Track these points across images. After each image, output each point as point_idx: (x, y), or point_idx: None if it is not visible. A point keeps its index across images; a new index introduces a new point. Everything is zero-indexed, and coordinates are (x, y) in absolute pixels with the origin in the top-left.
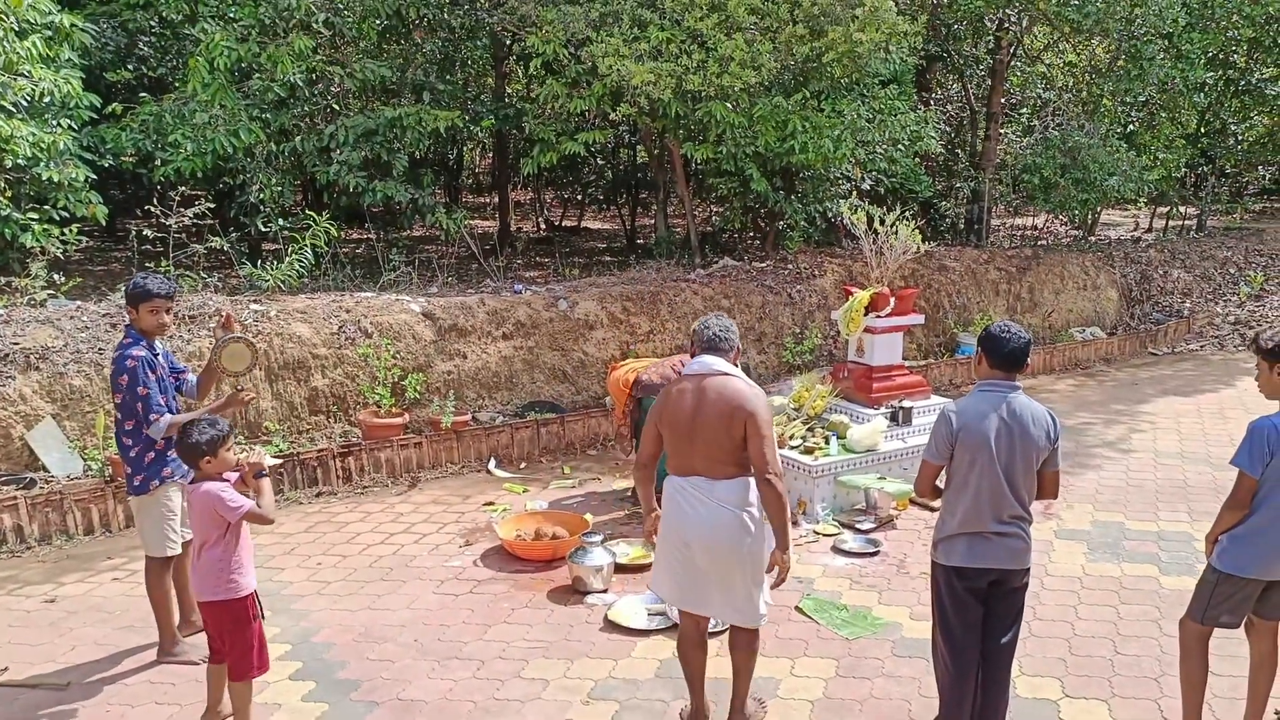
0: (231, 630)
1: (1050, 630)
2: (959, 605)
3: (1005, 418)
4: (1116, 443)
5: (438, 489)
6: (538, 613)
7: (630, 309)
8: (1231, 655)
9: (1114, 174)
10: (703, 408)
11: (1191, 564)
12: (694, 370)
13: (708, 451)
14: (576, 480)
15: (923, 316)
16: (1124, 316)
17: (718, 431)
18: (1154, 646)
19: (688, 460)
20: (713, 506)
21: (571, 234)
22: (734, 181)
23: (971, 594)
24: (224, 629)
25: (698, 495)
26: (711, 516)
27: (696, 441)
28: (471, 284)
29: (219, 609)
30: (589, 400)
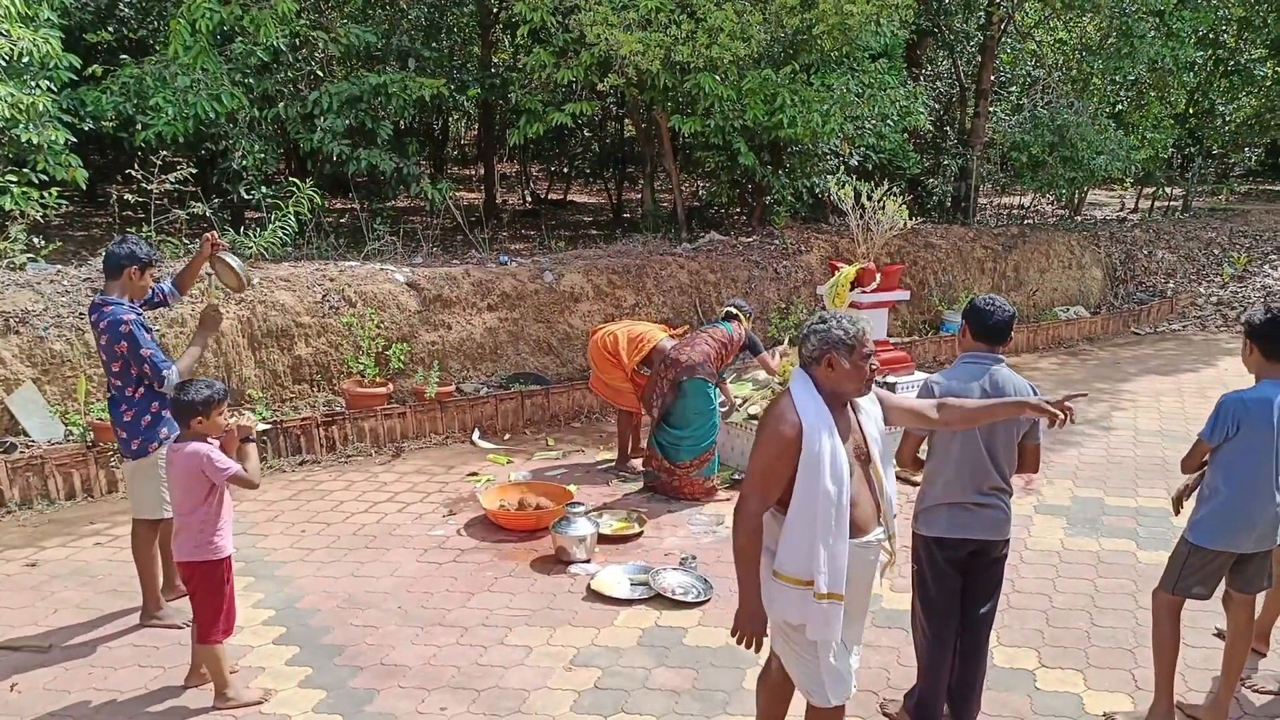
0: (204, 592)
1: (1028, 602)
2: (939, 575)
3: (988, 389)
4: (1098, 420)
5: (421, 459)
6: (521, 581)
7: (616, 282)
8: (1204, 628)
9: (1102, 153)
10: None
11: (1169, 539)
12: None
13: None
14: (561, 451)
15: (908, 293)
16: (1108, 296)
17: None
18: (1129, 619)
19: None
20: None
21: (558, 207)
22: (721, 155)
23: (952, 564)
24: (196, 589)
25: None
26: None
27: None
28: (457, 255)
29: (195, 569)
30: (574, 372)
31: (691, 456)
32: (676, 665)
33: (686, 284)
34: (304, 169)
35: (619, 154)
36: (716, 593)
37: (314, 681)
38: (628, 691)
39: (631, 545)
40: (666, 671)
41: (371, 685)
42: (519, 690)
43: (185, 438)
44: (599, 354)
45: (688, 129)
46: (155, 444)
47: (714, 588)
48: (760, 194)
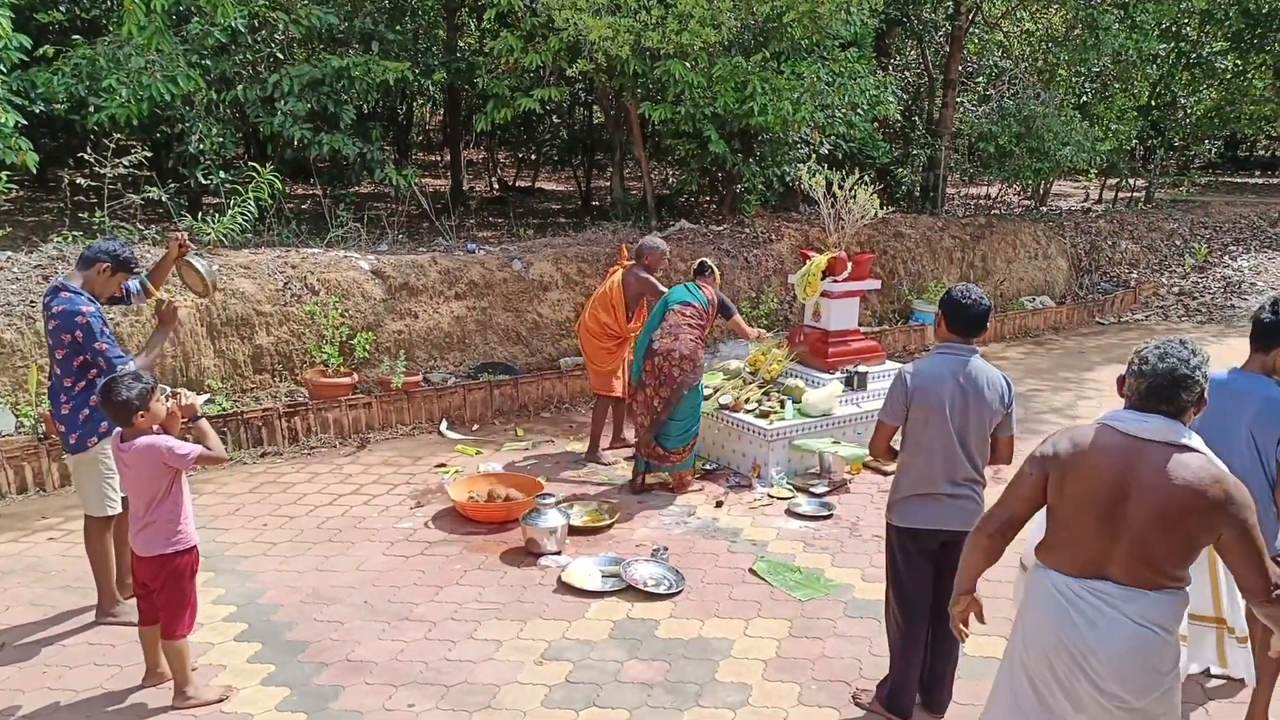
0: (173, 584)
1: (998, 591)
2: (911, 566)
3: (961, 381)
4: (1063, 409)
5: (388, 450)
6: (490, 574)
7: (586, 270)
8: None
9: (1068, 144)
10: (1147, 489)
11: None
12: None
13: (1138, 550)
14: (530, 442)
15: (879, 282)
16: (1073, 286)
17: (1171, 530)
18: None
19: (1098, 554)
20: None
21: (525, 194)
22: (692, 143)
23: (924, 555)
24: (165, 583)
25: (1100, 604)
26: (1124, 637)
27: (1123, 532)
28: (423, 243)
29: (166, 563)
30: (543, 362)
31: (681, 444)
32: (648, 658)
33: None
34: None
35: (588, 141)
36: (688, 584)
37: (276, 679)
38: (599, 685)
39: (602, 537)
40: (638, 664)
41: (336, 682)
42: (489, 685)
43: (131, 435)
44: (589, 343)
45: (657, 116)
46: (94, 439)
47: (685, 579)
48: (731, 182)
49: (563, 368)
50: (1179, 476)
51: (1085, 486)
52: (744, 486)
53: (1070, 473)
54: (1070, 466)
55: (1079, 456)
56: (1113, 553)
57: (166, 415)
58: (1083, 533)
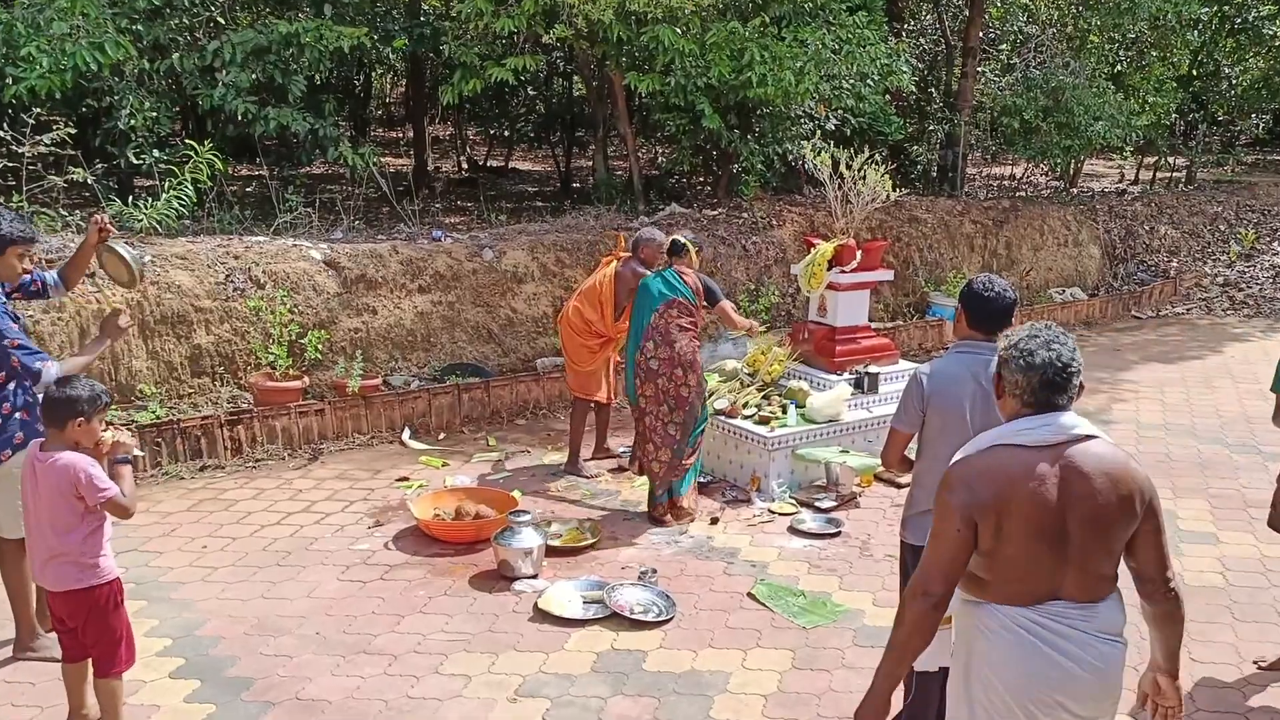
0: (97, 620)
1: None
2: None
3: (983, 382)
4: (1096, 413)
5: (343, 462)
6: (458, 601)
7: (565, 260)
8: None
9: (1100, 118)
10: (1083, 496)
11: (1177, 544)
12: (1040, 437)
13: (1086, 562)
14: (503, 453)
15: (891, 272)
16: (1106, 276)
17: (1108, 532)
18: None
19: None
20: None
21: (498, 175)
22: (683, 118)
23: None
24: (87, 620)
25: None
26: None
27: (1070, 549)
28: (382, 229)
29: (82, 599)
30: (517, 363)
31: (691, 445)
32: (635, 694)
33: None
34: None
35: (567, 116)
36: (680, 610)
37: None
38: None
39: (584, 558)
40: (624, 701)
41: None
42: None
43: (54, 446)
44: (570, 339)
45: (645, 88)
46: (9, 451)
47: (677, 605)
48: (726, 161)
49: (540, 369)
50: (1101, 472)
51: (1029, 519)
52: (742, 501)
53: (1005, 511)
54: (1003, 505)
55: (1009, 490)
56: (1064, 573)
57: (98, 443)
58: (1033, 566)
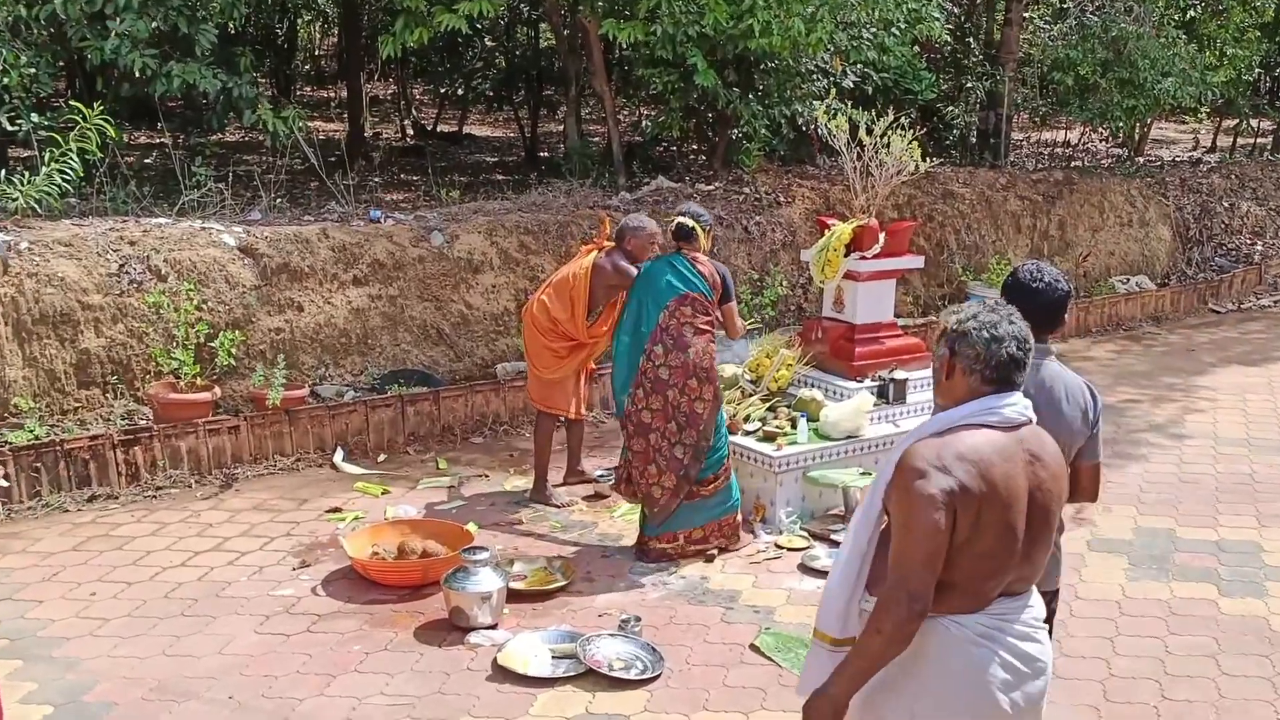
0: None
1: (1080, 669)
2: None
3: (1031, 391)
4: (1166, 426)
5: (262, 490)
6: (401, 658)
7: (530, 245)
8: None
9: (1169, 74)
10: (1043, 482)
11: (1260, 582)
12: (1007, 418)
13: (1039, 552)
14: (456, 477)
15: (922, 258)
16: (1179, 262)
17: (1056, 516)
18: (1210, 689)
19: (1005, 575)
20: (1034, 637)
21: (450, 142)
22: (672, 74)
23: None
24: None
25: (1010, 627)
26: (1038, 652)
27: (1031, 539)
28: (310, 209)
29: None
30: (473, 369)
31: (713, 470)
32: None
33: None
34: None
35: (533, 72)
36: (669, 666)
37: None
38: None
39: (553, 604)
40: None
41: None
42: None
43: None
44: (534, 338)
45: (626, 37)
46: None
47: (665, 660)
48: (724, 126)
49: (500, 376)
50: (1052, 456)
51: (1007, 507)
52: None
53: (986, 499)
54: (985, 491)
55: (990, 475)
56: (1020, 567)
57: None
58: (1001, 562)
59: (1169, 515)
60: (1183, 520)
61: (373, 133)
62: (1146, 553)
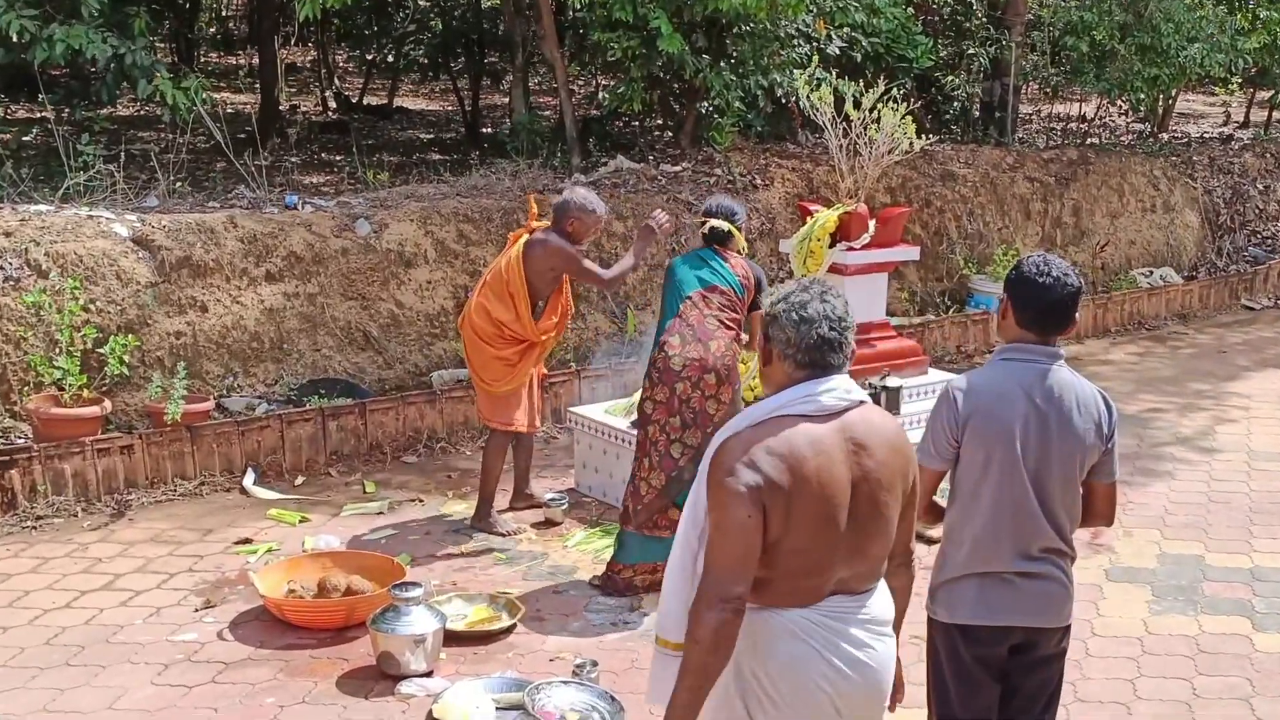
0: None
1: (1097, 716)
2: (968, 681)
3: (1039, 401)
4: (1195, 439)
5: (160, 519)
6: (322, 711)
7: (470, 235)
8: None
9: (1195, 39)
10: (868, 471)
11: None
12: (826, 404)
13: (871, 546)
14: (385, 503)
15: (917, 249)
16: (1208, 252)
17: (891, 509)
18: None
19: (833, 570)
20: (868, 639)
21: (379, 116)
22: (633, 38)
23: (986, 664)
24: None
25: (842, 627)
26: (870, 656)
27: (858, 532)
28: (215, 193)
29: None
30: (405, 378)
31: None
32: None
33: None
34: None
35: (474, 36)
36: (629, 717)
37: None
38: None
39: (497, 647)
40: None
41: None
42: None
43: None
44: (477, 350)
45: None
46: None
47: (625, 711)
48: (692, 98)
49: (436, 385)
50: (883, 443)
51: (820, 499)
52: None
53: (797, 492)
54: (794, 484)
55: (799, 468)
56: (847, 561)
57: None
58: (822, 555)
59: (1197, 540)
60: (1213, 545)
61: (289, 105)
62: (1172, 582)
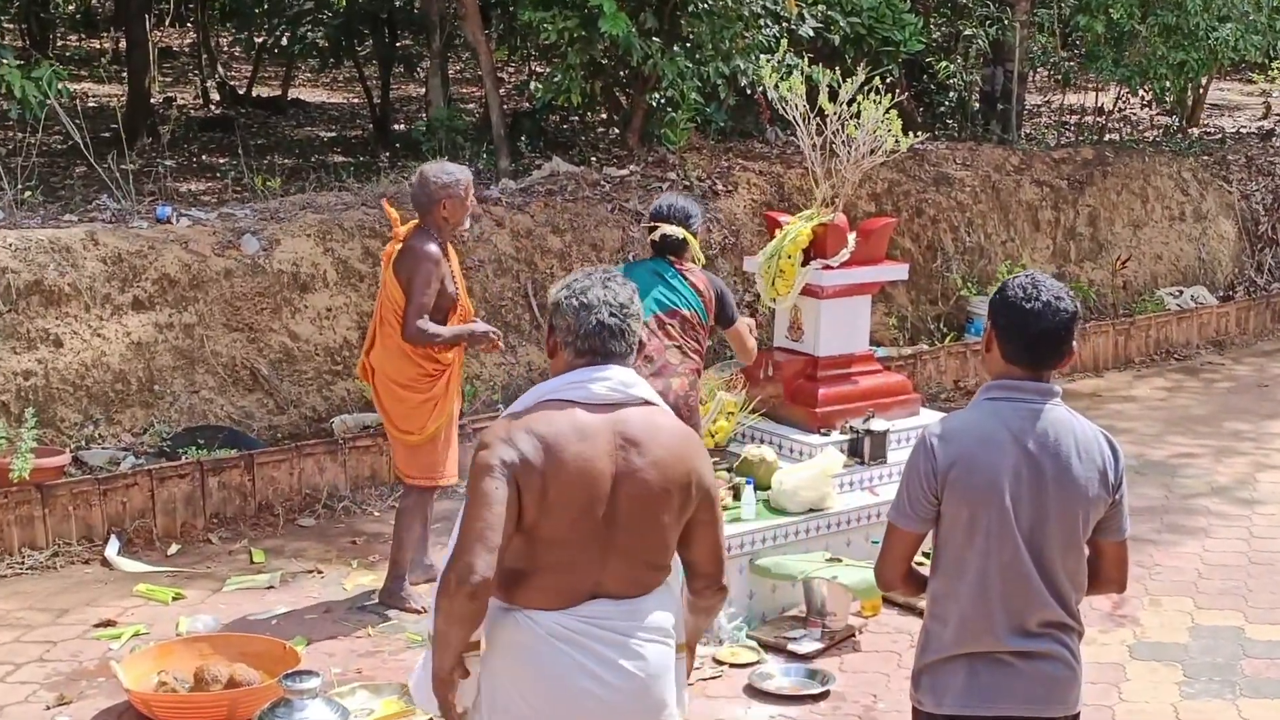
0: None
1: None
2: None
3: (1031, 448)
4: (1232, 489)
5: (4, 597)
6: None
7: (378, 253)
8: None
9: (1227, 19)
10: (635, 470)
11: None
12: (598, 394)
13: (636, 550)
14: (277, 575)
15: (906, 267)
16: (1246, 268)
17: (661, 515)
18: None
19: (591, 571)
20: (631, 646)
21: (271, 111)
22: (570, 18)
23: None
24: None
25: (602, 633)
26: (637, 664)
27: (618, 534)
28: (73, 204)
29: None
30: (301, 423)
31: None
32: None
33: (509, 255)
34: None
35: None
36: None
37: None
38: None
39: None
40: None
41: None
42: None
43: None
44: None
45: None
46: None
47: None
48: (641, 89)
49: (338, 433)
50: (659, 444)
51: (577, 488)
52: None
53: (552, 475)
54: (550, 467)
55: (558, 451)
56: (609, 563)
57: None
58: (580, 551)
59: (1236, 609)
60: (1254, 615)
61: (163, 98)
62: (1207, 660)
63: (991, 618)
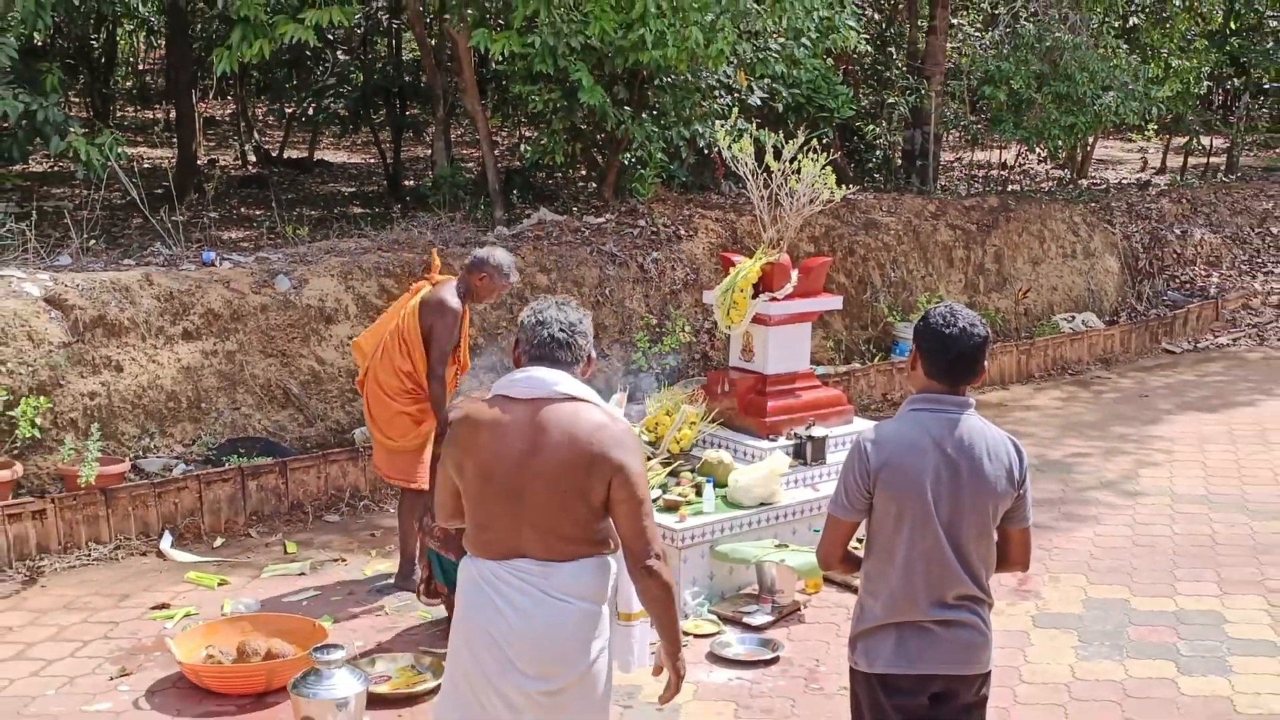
0: None
1: None
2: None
3: (950, 451)
4: (1119, 482)
5: (73, 585)
6: None
7: (392, 290)
8: None
9: (1110, 87)
10: (540, 452)
11: (1223, 658)
12: (521, 390)
13: (544, 521)
14: (307, 563)
15: (841, 298)
16: (1128, 297)
17: (564, 493)
18: None
19: (510, 533)
20: (546, 602)
21: (299, 170)
22: (554, 91)
23: (906, 713)
24: None
25: (521, 585)
26: (544, 617)
27: (526, 504)
28: (131, 250)
29: None
30: (327, 435)
31: None
32: None
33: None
34: None
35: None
36: None
37: None
38: None
39: (423, 708)
40: None
41: None
42: None
43: None
44: (380, 405)
45: (500, 49)
46: None
47: None
48: (615, 149)
49: (358, 442)
50: (563, 430)
51: (481, 463)
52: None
53: (467, 452)
54: (468, 447)
55: (475, 434)
56: (524, 530)
57: None
58: (492, 516)
59: (1123, 584)
60: (1138, 589)
61: (207, 160)
62: (1098, 628)
63: (916, 593)
